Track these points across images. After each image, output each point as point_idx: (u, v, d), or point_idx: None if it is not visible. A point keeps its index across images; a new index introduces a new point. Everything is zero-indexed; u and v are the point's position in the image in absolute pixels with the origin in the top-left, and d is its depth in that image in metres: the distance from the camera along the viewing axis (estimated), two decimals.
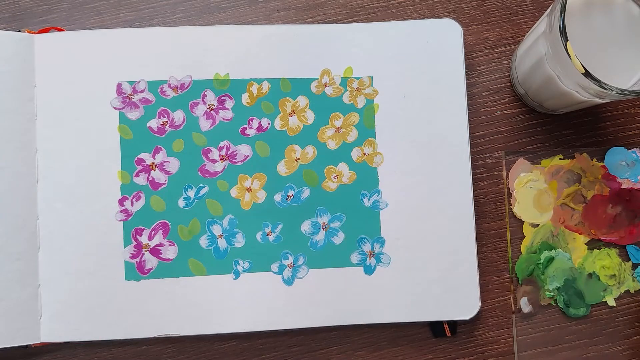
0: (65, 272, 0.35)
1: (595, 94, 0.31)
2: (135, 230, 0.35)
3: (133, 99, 0.36)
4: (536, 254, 0.37)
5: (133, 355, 0.36)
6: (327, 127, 0.37)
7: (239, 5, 0.38)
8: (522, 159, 0.38)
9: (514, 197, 0.38)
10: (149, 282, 0.35)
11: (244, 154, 0.36)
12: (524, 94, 0.38)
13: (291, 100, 0.37)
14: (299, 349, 0.37)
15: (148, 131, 0.36)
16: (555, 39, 0.30)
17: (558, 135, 0.38)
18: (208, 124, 0.36)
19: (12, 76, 0.35)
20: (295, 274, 0.36)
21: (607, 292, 0.37)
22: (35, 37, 0.36)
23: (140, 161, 0.36)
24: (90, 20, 0.38)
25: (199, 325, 0.35)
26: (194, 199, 0.36)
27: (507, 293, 0.38)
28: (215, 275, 0.35)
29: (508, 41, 0.39)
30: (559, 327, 0.37)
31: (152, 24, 0.38)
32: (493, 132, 0.38)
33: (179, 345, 0.36)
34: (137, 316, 0.35)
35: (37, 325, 0.34)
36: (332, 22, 0.38)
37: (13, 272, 0.34)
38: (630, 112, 0.39)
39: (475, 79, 0.39)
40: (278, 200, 0.36)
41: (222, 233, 0.36)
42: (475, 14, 0.39)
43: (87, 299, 0.35)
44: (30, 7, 0.38)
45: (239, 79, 0.36)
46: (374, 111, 0.37)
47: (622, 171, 0.38)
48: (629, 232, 0.38)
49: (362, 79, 0.37)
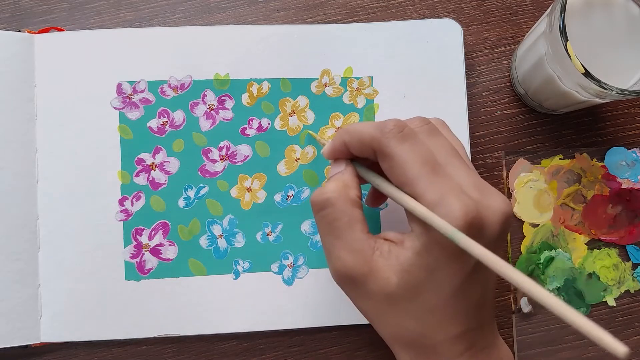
0: (65, 272, 0.35)
1: (595, 94, 0.31)
2: (136, 230, 0.35)
3: (133, 99, 0.36)
4: (536, 254, 0.37)
5: (133, 355, 0.36)
6: (327, 127, 0.37)
7: (239, 5, 0.38)
8: (522, 159, 0.38)
9: (514, 197, 0.38)
10: (149, 282, 0.35)
11: (244, 154, 0.36)
12: (524, 94, 0.38)
13: (291, 100, 0.37)
14: (299, 349, 0.37)
15: (148, 131, 0.36)
16: (555, 39, 0.30)
17: (558, 135, 0.38)
18: (208, 124, 0.36)
19: (12, 76, 0.35)
20: (295, 274, 0.36)
21: (607, 292, 0.37)
22: (35, 37, 0.36)
23: (141, 161, 0.36)
24: (90, 20, 0.38)
25: (199, 325, 0.35)
26: (194, 199, 0.36)
27: (507, 293, 0.38)
28: (215, 275, 0.35)
29: (508, 41, 0.39)
30: (559, 327, 0.37)
31: (152, 24, 0.38)
32: (493, 132, 0.38)
33: (179, 345, 0.36)
34: (137, 316, 0.35)
35: (37, 325, 0.34)
36: (332, 22, 0.38)
37: (13, 272, 0.34)
38: (630, 112, 0.39)
39: (475, 79, 0.39)
40: (278, 200, 0.36)
41: (222, 233, 0.36)
42: (475, 14, 0.39)
43: (87, 299, 0.35)
44: (30, 7, 0.38)
45: (239, 79, 0.36)
46: (374, 111, 0.37)
47: (622, 171, 0.38)
48: (629, 232, 0.38)
49: (362, 79, 0.37)
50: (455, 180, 0.25)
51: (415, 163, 0.25)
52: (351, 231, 0.26)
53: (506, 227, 0.25)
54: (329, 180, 0.28)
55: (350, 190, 0.27)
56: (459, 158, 0.26)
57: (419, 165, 0.25)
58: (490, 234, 0.25)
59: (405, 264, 0.25)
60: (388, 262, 0.25)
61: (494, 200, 0.25)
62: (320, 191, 0.27)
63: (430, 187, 0.24)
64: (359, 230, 0.26)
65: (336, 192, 0.27)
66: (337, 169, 0.29)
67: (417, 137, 0.26)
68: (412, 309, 0.26)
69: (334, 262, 0.27)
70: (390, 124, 0.26)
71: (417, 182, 0.25)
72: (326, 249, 0.27)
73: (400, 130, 0.26)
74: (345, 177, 0.28)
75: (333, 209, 0.26)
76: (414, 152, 0.25)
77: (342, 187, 0.27)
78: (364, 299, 0.26)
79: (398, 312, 0.26)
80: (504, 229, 0.25)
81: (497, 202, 0.25)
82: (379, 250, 0.26)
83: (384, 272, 0.25)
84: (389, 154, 0.26)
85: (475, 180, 0.25)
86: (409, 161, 0.25)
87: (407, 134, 0.26)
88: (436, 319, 0.26)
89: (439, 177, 0.25)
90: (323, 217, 0.27)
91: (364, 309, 0.27)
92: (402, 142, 0.25)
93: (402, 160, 0.25)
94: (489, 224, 0.24)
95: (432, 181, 0.25)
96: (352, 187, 0.27)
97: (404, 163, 0.25)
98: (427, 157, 0.25)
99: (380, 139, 0.26)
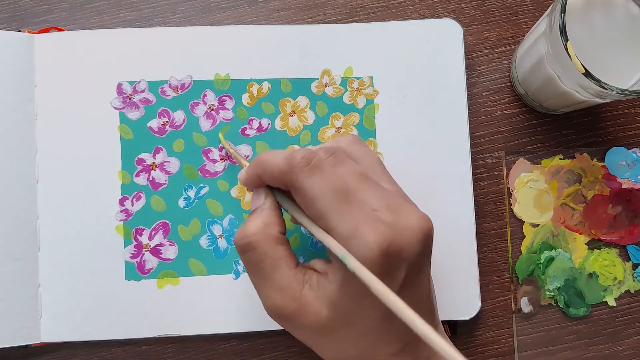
0: (65, 272, 0.35)
1: (596, 94, 0.31)
2: (136, 230, 0.35)
3: (133, 99, 0.36)
4: (536, 254, 0.37)
5: (133, 355, 0.36)
6: (328, 127, 0.37)
7: (239, 5, 0.38)
8: (522, 159, 0.38)
9: (514, 197, 0.38)
10: (149, 282, 0.35)
11: (244, 154, 0.36)
12: (524, 94, 0.38)
13: (291, 101, 0.37)
14: (299, 349, 0.37)
15: (148, 131, 0.36)
16: (556, 39, 0.30)
17: (558, 135, 0.38)
18: (208, 124, 0.36)
19: (12, 76, 0.35)
20: None
21: (607, 292, 0.37)
22: (35, 37, 0.36)
23: (141, 161, 0.36)
24: (91, 20, 0.38)
25: (199, 325, 0.35)
26: (194, 199, 0.36)
27: (507, 293, 0.38)
28: (215, 275, 0.35)
29: (508, 41, 0.39)
30: (559, 327, 0.37)
31: (152, 24, 0.38)
32: (493, 132, 0.38)
33: (179, 345, 0.36)
34: (137, 316, 0.35)
35: (37, 325, 0.34)
36: (332, 22, 0.38)
37: (13, 272, 0.34)
38: (631, 112, 0.39)
39: (476, 79, 0.39)
40: None
41: (222, 233, 0.36)
42: (475, 14, 0.39)
43: (87, 299, 0.35)
44: (30, 7, 0.38)
45: (240, 79, 0.36)
46: (374, 111, 0.37)
47: (623, 171, 0.38)
48: (629, 232, 0.38)
49: (362, 79, 0.37)
50: (367, 207, 0.24)
51: (326, 196, 0.25)
52: (277, 271, 0.26)
53: (427, 243, 0.25)
54: (250, 218, 0.27)
55: (271, 227, 0.27)
56: (368, 181, 0.26)
57: (329, 198, 0.24)
58: (411, 255, 0.24)
59: (332, 296, 0.25)
60: (317, 294, 0.25)
61: (409, 219, 0.25)
62: (242, 233, 0.27)
63: (341, 219, 0.24)
64: (286, 268, 0.26)
65: (257, 234, 0.26)
66: (257, 201, 0.28)
67: (324, 168, 0.25)
68: (347, 336, 0.26)
69: (264, 301, 0.27)
70: (298, 156, 0.25)
71: (329, 216, 0.24)
72: (256, 288, 0.27)
73: (307, 162, 0.25)
74: (265, 214, 0.27)
75: (255, 252, 0.26)
76: (322, 184, 0.25)
77: (262, 227, 0.27)
78: (299, 330, 0.26)
79: (334, 340, 0.26)
80: (424, 246, 0.25)
81: (413, 221, 0.25)
82: (309, 283, 0.26)
83: (314, 307, 0.25)
84: (299, 188, 0.25)
85: (388, 202, 0.25)
86: (319, 194, 0.25)
87: (315, 166, 0.25)
88: (372, 341, 0.26)
89: (350, 207, 0.24)
90: (247, 260, 0.27)
91: (302, 339, 0.27)
92: (311, 175, 0.25)
93: (312, 194, 0.25)
94: (407, 245, 0.24)
95: (343, 212, 0.24)
96: (274, 223, 0.27)
97: (314, 197, 0.25)
98: (337, 187, 0.25)
99: (289, 173, 0.25)
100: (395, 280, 0.24)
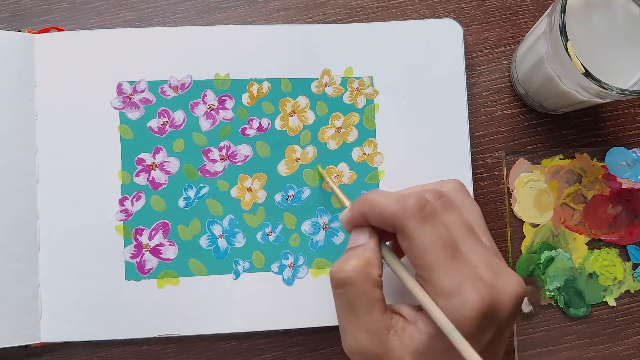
0: (65, 272, 0.35)
1: (595, 94, 0.31)
2: (136, 230, 0.35)
3: (133, 99, 0.36)
4: (536, 254, 0.37)
5: (133, 355, 0.36)
6: (328, 127, 0.37)
7: (239, 5, 0.38)
8: (522, 159, 0.38)
9: (514, 197, 0.38)
10: (149, 282, 0.35)
11: (244, 154, 0.36)
12: (524, 94, 0.38)
13: (291, 100, 0.37)
14: (299, 349, 0.37)
15: (148, 131, 0.36)
16: (556, 39, 0.30)
17: (558, 135, 0.38)
18: (208, 124, 0.36)
19: (12, 76, 0.35)
20: (295, 274, 0.36)
21: (607, 292, 0.37)
22: (35, 37, 0.36)
23: (141, 161, 0.36)
24: (91, 20, 0.38)
25: (199, 325, 0.35)
26: (194, 199, 0.36)
27: None
28: (215, 275, 0.35)
29: (508, 41, 0.39)
30: (559, 327, 0.37)
31: (152, 24, 0.38)
32: (493, 132, 0.38)
33: (179, 345, 0.36)
34: (137, 316, 0.35)
35: (37, 325, 0.34)
36: (332, 22, 0.38)
37: (13, 272, 0.34)
38: (630, 112, 0.39)
39: (476, 79, 0.39)
40: (278, 200, 0.36)
41: (222, 233, 0.36)
42: (475, 14, 0.39)
43: (87, 299, 0.35)
44: (30, 7, 0.38)
45: (239, 79, 0.36)
46: (374, 111, 0.37)
47: (623, 171, 0.38)
48: (629, 232, 0.38)
49: (362, 79, 0.37)
50: (471, 264, 0.25)
51: (435, 249, 0.25)
52: (370, 312, 0.26)
53: (518, 307, 0.26)
54: (351, 255, 0.27)
55: (372, 269, 0.26)
56: (473, 236, 0.26)
57: (437, 251, 0.25)
58: (503, 317, 0.25)
59: (421, 347, 0.25)
60: (402, 342, 0.25)
61: (508, 283, 0.25)
62: (341, 267, 0.26)
63: (446, 274, 0.24)
64: (377, 312, 0.26)
65: (358, 272, 0.26)
66: (359, 239, 0.28)
67: (437, 218, 0.25)
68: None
69: (348, 341, 0.26)
70: (412, 201, 0.25)
71: (435, 269, 0.25)
72: (341, 324, 0.27)
73: (421, 209, 0.25)
74: (367, 255, 0.27)
75: (353, 289, 0.26)
76: (433, 236, 0.25)
77: (364, 266, 0.26)
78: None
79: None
80: (516, 310, 0.26)
81: (511, 285, 0.25)
82: (394, 328, 0.26)
83: (398, 352, 0.25)
84: (409, 234, 0.25)
85: (489, 261, 0.25)
86: (428, 246, 0.25)
87: (428, 215, 0.25)
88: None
89: (455, 262, 0.25)
90: (341, 295, 0.26)
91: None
92: (423, 223, 0.25)
93: (422, 244, 0.25)
94: (503, 307, 0.25)
95: (448, 268, 0.25)
96: (375, 265, 0.27)
97: (424, 247, 0.25)
98: (446, 241, 0.25)
99: (401, 218, 0.25)
100: (483, 341, 0.25)
